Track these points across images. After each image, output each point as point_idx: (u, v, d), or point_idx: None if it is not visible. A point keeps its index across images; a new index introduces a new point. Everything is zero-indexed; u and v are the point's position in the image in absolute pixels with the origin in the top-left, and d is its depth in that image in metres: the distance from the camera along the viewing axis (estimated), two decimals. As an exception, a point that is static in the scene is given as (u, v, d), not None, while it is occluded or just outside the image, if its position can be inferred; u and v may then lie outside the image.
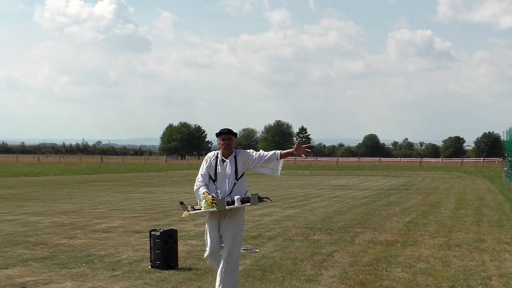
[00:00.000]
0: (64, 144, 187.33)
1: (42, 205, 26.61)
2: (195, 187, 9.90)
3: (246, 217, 22.01)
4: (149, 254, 12.87)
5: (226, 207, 9.45)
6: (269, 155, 9.97)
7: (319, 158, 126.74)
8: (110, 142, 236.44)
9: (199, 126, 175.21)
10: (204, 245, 10.29)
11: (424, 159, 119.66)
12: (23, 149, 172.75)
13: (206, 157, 10.11)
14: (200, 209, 9.61)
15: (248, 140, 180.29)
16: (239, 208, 9.74)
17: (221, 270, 9.67)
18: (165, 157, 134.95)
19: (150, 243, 12.69)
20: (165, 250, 12.46)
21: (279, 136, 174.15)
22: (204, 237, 10.54)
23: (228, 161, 9.89)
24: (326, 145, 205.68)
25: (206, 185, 9.85)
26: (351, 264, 12.89)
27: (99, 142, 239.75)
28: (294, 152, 9.97)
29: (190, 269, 12.46)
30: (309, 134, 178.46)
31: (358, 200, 30.53)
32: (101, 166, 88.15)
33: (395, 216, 22.45)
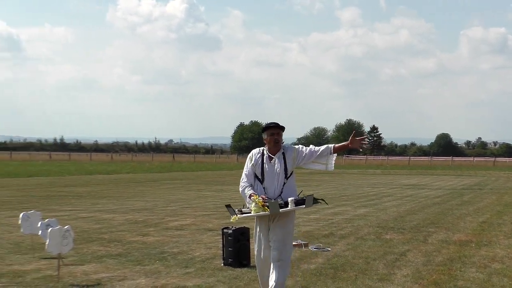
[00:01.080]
0: (136, 143, 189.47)
1: (115, 203, 26.98)
2: (240, 189, 9.26)
3: (316, 215, 21.98)
4: (221, 252, 12.94)
5: (280, 210, 8.76)
6: (321, 150, 9.28)
7: (391, 157, 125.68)
8: (182, 141, 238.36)
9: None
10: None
11: (498, 159, 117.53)
12: (96, 148, 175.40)
13: (250, 154, 9.35)
14: (250, 213, 8.93)
15: (319, 139, 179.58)
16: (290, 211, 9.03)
17: (271, 277, 9.09)
18: (236, 155, 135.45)
19: (223, 241, 12.76)
20: (237, 248, 12.50)
21: (350, 135, 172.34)
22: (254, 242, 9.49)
23: (276, 158, 9.15)
24: (398, 144, 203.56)
25: (252, 186, 9.17)
26: (424, 264, 12.75)
27: (171, 140, 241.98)
28: (350, 145, 9.53)
29: (262, 267, 12.47)
30: (380, 133, 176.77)
31: (431, 200, 30.19)
32: (173, 165, 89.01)
33: (469, 216, 22.14)
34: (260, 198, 8.80)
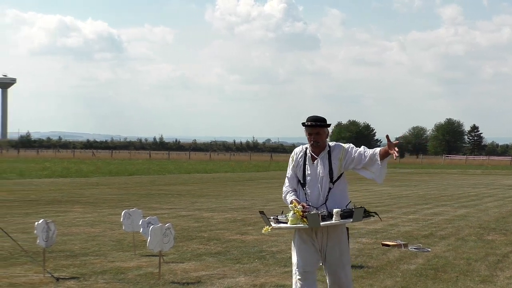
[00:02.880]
0: (234, 142, 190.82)
1: (214, 202, 27.25)
2: (283, 195, 7.95)
3: (416, 216, 21.68)
4: (320, 251, 12.89)
5: (321, 223, 7.35)
6: (370, 154, 7.83)
7: (492, 157, 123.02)
8: (280, 140, 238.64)
9: (368, 124, 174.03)
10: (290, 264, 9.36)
11: None
12: (195, 147, 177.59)
13: (292, 153, 8.06)
14: (286, 223, 7.55)
15: (418, 138, 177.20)
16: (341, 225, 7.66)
17: None
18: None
19: (321, 240, 12.70)
20: (336, 247, 12.43)
21: (449, 134, 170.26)
22: (291, 256, 8.29)
23: (319, 158, 7.81)
24: (499, 144, 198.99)
25: (295, 191, 7.88)
26: (529, 266, 12.44)
27: (268, 140, 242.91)
28: (388, 150, 7.81)
29: (361, 267, 12.40)
30: (481, 133, 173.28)
31: (534, 200, 29.41)
32: (270, 164, 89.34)
33: None
34: (300, 206, 7.48)
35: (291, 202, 7.60)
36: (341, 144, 7.98)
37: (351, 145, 8.01)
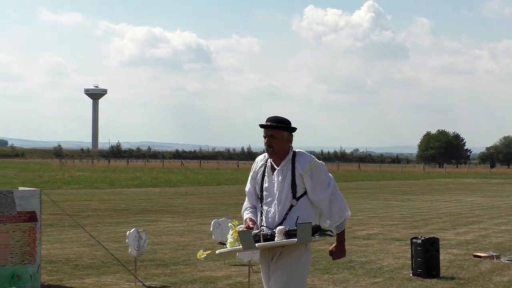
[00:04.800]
0: (322, 152, 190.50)
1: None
2: (242, 211, 6.74)
3: (508, 227, 21.18)
4: (410, 262, 12.75)
5: (257, 244, 6.08)
6: (325, 209, 6.39)
7: None
8: (367, 150, 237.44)
9: (457, 134, 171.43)
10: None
11: None
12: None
13: (254, 163, 6.76)
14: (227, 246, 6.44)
15: (509, 148, 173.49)
16: (296, 246, 6.22)
17: None
18: (422, 165, 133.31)
19: (412, 251, 12.57)
20: (427, 258, 12.28)
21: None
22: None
23: (278, 169, 6.44)
24: None
25: (254, 208, 6.61)
26: None
27: (356, 149, 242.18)
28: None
29: (452, 278, 12.20)
30: None
31: None
32: (358, 174, 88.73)
33: None
34: (240, 226, 6.40)
35: (245, 222, 6.50)
36: (311, 156, 6.52)
37: (322, 164, 6.50)
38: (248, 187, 6.68)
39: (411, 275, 12.37)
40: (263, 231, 6.16)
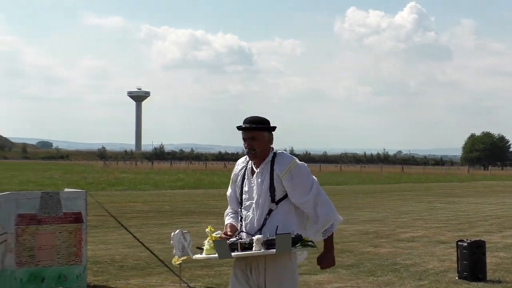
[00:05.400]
0: (365, 154, 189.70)
1: (346, 213, 27.08)
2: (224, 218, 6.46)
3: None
4: (455, 265, 12.64)
5: (233, 254, 5.77)
6: (311, 213, 6.05)
7: None
8: (411, 152, 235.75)
9: (502, 136, 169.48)
10: None
11: None
12: (325, 159, 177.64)
13: (235, 165, 6.45)
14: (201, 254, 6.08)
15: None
16: (283, 254, 5.81)
17: None
18: (467, 167, 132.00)
19: (457, 254, 12.45)
20: (473, 261, 12.15)
21: None
22: None
23: (258, 171, 6.12)
24: None
25: (237, 213, 6.29)
26: None
27: (399, 152, 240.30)
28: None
29: (499, 281, 12.08)
30: None
31: None
32: (402, 176, 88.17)
33: None
34: (218, 233, 6.02)
35: (225, 227, 6.19)
36: (291, 157, 6.13)
37: (303, 164, 6.12)
38: (229, 191, 6.39)
39: (456, 278, 12.25)
40: (242, 239, 5.85)
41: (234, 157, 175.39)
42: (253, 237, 5.77)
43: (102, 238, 17.34)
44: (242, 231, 6.03)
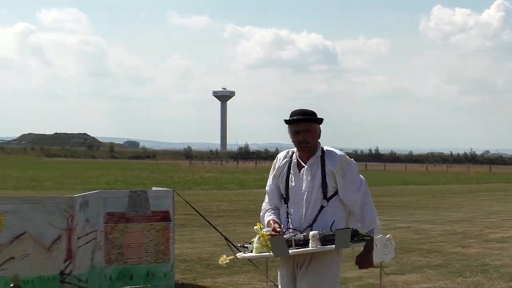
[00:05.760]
0: (451, 153, 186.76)
1: (432, 213, 26.77)
2: (261, 213, 6.25)
3: None
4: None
5: (290, 251, 5.57)
6: (356, 212, 5.92)
7: None
8: (499, 151, 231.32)
9: None
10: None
11: None
12: (410, 158, 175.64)
13: (275, 159, 6.25)
14: (252, 252, 5.85)
15: None
16: (326, 251, 5.66)
17: None
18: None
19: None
20: None
21: None
22: None
23: (307, 167, 5.95)
24: None
25: (277, 209, 6.11)
26: None
27: (487, 151, 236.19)
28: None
29: None
30: None
31: None
32: (489, 176, 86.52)
33: None
34: (268, 230, 5.78)
35: (268, 224, 5.96)
36: (342, 153, 6.02)
37: (355, 166, 5.98)
38: (269, 186, 6.20)
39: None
40: (296, 235, 5.66)
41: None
42: (303, 233, 5.66)
43: (189, 237, 17.53)
44: (289, 228, 5.85)
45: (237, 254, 5.91)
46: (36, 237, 9.15)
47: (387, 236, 11.17)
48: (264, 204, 6.18)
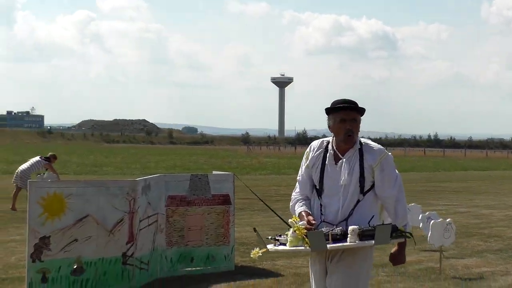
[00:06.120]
0: (511, 139, 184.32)
1: (492, 199, 26.48)
2: (290, 203, 6.00)
3: None
4: None
5: (328, 246, 5.37)
6: (390, 208, 5.77)
7: None
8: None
9: None
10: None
11: None
12: (470, 144, 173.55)
13: (308, 148, 5.97)
14: (285, 245, 5.57)
15: None
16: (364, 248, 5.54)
17: None
18: None
19: None
20: None
21: None
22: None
23: (344, 159, 5.73)
24: None
25: (308, 200, 5.88)
26: None
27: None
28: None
29: None
30: None
31: None
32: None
33: None
34: (303, 223, 5.51)
35: (300, 216, 5.71)
36: (381, 146, 5.85)
37: (392, 161, 5.79)
38: (301, 175, 5.91)
39: None
40: (333, 230, 5.42)
41: (377, 142, 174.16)
42: (339, 227, 5.46)
43: (248, 221, 17.63)
44: (323, 221, 5.64)
45: (268, 247, 5.60)
46: (99, 220, 9.34)
47: (447, 220, 11.14)
48: (294, 193, 5.96)
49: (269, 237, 5.70)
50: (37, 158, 21.38)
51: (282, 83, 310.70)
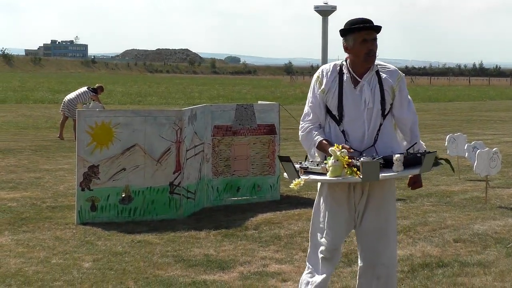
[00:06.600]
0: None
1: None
2: (300, 133, 5.60)
3: None
4: None
5: (380, 175, 5.10)
6: (405, 130, 5.57)
7: None
8: None
9: None
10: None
11: None
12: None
13: (318, 73, 5.57)
14: (321, 174, 5.22)
15: None
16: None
17: None
18: None
19: None
20: None
21: None
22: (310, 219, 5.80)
23: (365, 82, 5.42)
24: None
25: (321, 128, 5.50)
26: None
27: None
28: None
29: None
30: None
31: None
32: None
33: None
34: (344, 152, 5.10)
35: (321, 145, 5.38)
36: (396, 68, 5.55)
37: (405, 81, 5.56)
38: (312, 101, 5.48)
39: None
40: (378, 159, 5.12)
41: (421, 72, 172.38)
42: (394, 156, 5.15)
43: (292, 151, 17.64)
44: (351, 148, 5.22)
45: (310, 176, 5.21)
46: (146, 149, 9.46)
47: (493, 149, 11.07)
48: (303, 123, 5.55)
49: (297, 164, 5.28)
50: (84, 88, 21.57)
51: (325, 11, 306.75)
